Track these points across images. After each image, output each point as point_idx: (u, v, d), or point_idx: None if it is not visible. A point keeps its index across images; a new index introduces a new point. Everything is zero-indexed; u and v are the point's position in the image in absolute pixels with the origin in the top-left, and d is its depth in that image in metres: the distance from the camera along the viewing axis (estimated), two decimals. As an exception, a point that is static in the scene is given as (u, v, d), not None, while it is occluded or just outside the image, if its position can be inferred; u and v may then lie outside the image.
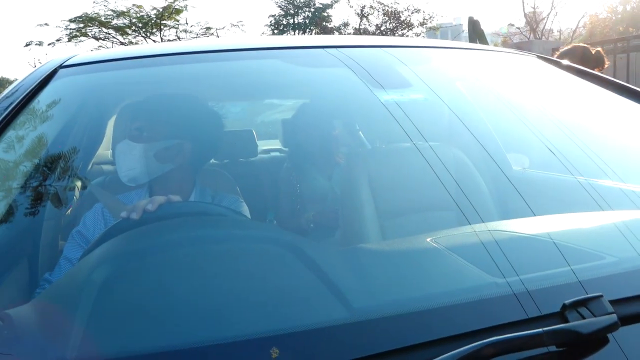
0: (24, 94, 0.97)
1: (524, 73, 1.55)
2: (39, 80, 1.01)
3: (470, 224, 0.96)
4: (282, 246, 0.74)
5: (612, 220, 0.96)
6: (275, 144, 2.83)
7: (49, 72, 1.05)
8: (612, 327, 0.59)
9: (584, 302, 0.60)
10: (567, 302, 0.60)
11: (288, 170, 2.20)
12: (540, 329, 0.54)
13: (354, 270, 0.71)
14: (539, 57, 1.60)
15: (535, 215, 0.94)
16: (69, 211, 1.52)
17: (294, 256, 0.71)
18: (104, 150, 2.45)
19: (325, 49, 1.47)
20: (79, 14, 18.42)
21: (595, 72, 1.50)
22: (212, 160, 2.26)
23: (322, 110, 2.13)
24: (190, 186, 1.39)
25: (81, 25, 18.62)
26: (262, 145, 2.76)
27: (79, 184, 1.38)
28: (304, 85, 2.06)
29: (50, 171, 1.07)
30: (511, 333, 0.53)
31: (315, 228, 1.94)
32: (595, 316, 0.59)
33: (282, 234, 1.11)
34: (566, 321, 0.59)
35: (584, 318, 0.59)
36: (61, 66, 1.09)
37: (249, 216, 1.34)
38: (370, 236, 1.38)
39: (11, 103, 0.96)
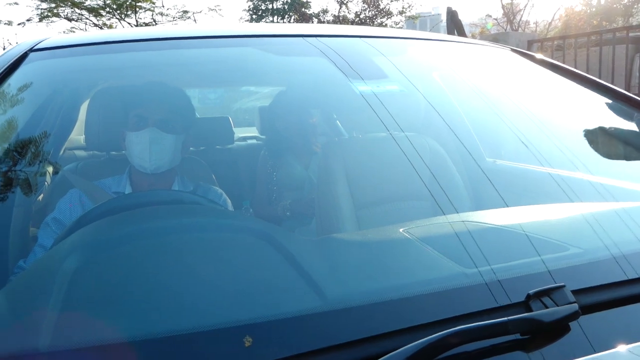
0: (-7, 77, 0.95)
1: (499, 66, 1.58)
2: (8, 64, 0.98)
3: (444, 214, 0.98)
4: (256, 235, 0.75)
5: (580, 211, 0.99)
6: (252, 132, 2.82)
7: (19, 55, 1.02)
8: (573, 316, 0.61)
9: (547, 292, 0.63)
10: (531, 291, 0.63)
11: (265, 158, 2.20)
12: (505, 318, 0.56)
13: (328, 260, 0.72)
14: (512, 50, 1.63)
15: (507, 205, 0.96)
16: (40, 197, 1.49)
17: (269, 245, 0.72)
18: (76, 135, 2.41)
19: (304, 37, 1.47)
20: (50, -7, 17.84)
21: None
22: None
23: (300, 98, 2.12)
24: (172, 175, 1.39)
25: (53, 5, 18.06)
26: (239, 132, 2.75)
27: (50, 169, 1.35)
28: (281, 73, 2.05)
29: (21, 156, 1.05)
30: (478, 322, 0.55)
31: (292, 216, 1.95)
32: (557, 305, 0.61)
33: (257, 223, 1.12)
34: (530, 310, 0.61)
35: (546, 307, 0.61)
36: (32, 49, 1.06)
37: (229, 208, 1.35)
38: (345, 226, 1.39)
39: (-21, 86, 0.93)
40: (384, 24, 20.32)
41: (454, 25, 6.52)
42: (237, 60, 1.57)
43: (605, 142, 1.42)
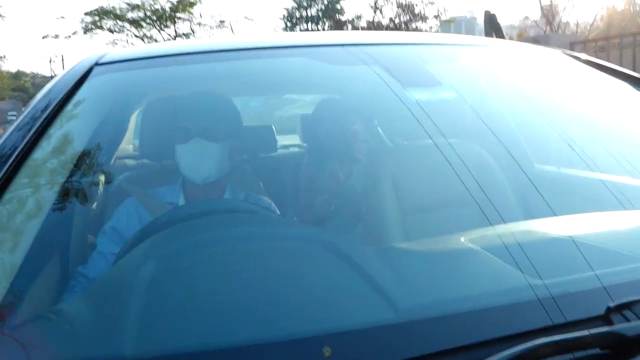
0: (63, 91, 1.00)
1: (548, 68, 1.55)
2: (77, 79, 1.04)
3: (494, 222, 0.96)
4: (321, 244, 0.76)
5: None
6: (294, 140, 2.85)
7: (85, 70, 1.08)
8: None
9: (629, 305, 0.61)
10: (611, 304, 0.60)
11: (307, 166, 2.21)
12: (586, 331, 0.54)
13: (394, 270, 0.71)
14: (563, 52, 1.60)
15: (557, 214, 0.94)
16: (94, 205, 1.55)
17: (333, 255, 0.72)
18: (126, 144, 2.49)
19: (344, 47, 1.49)
20: (94, 8, 18.56)
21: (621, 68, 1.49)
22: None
23: (342, 105, 2.14)
24: (224, 183, 1.41)
25: (96, 18, 18.76)
26: (281, 140, 2.78)
27: (103, 178, 1.41)
28: (324, 80, 2.07)
29: (81, 167, 1.10)
30: (557, 335, 0.54)
31: (335, 222, 1.95)
32: None
33: (320, 232, 1.12)
34: (611, 324, 0.59)
35: (628, 321, 0.59)
36: (97, 64, 1.12)
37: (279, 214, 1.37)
38: (393, 232, 1.39)
39: (50, 101, 0.98)
40: (418, 28, 20.18)
41: (492, 28, 6.42)
42: (280, 71, 1.60)
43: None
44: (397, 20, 20.24)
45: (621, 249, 0.78)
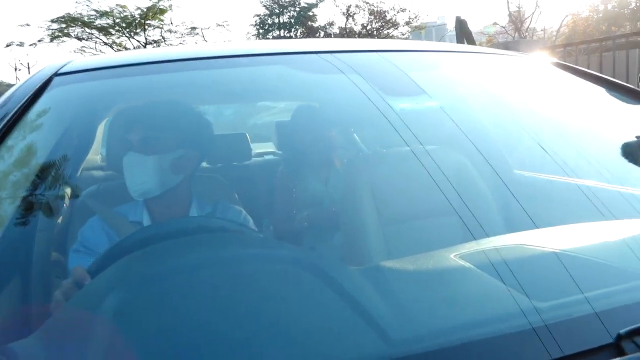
0: (20, 103, 0.93)
1: (524, 74, 1.55)
2: (34, 90, 0.97)
3: (477, 232, 0.92)
4: (299, 265, 0.70)
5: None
6: (269, 147, 2.80)
7: (43, 80, 1.01)
8: None
9: None
10: (622, 331, 0.55)
11: (282, 174, 2.17)
12: None
13: (382, 294, 0.66)
14: (534, 58, 1.59)
15: (538, 223, 0.91)
16: (59, 220, 1.47)
17: (313, 277, 0.67)
18: (93, 155, 2.40)
19: (319, 54, 1.45)
20: (61, 14, 18.15)
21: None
22: (205, 165, 2.23)
23: (318, 113, 2.10)
24: (188, 196, 1.35)
25: (63, 25, 18.35)
26: (256, 148, 2.73)
27: (68, 191, 1.34)
28: (298, 88, 2.04)
29: (43, 180, 1.03)
30: None
31: (312, 231, 1.91)
32: None
33: (296, 251, 1.07)
34: (623, 354, 0.54)
35: (642, 350, 0.53)
36: (56, 74, 1.05)
37: (253, 228, 1.31)
38: (372, 242, 1.35)
39: (6, 113, 0.92)
40: (390, 35, 20.40)
41: (464, 34, 6.50)
42: (254, 79, 1.56)
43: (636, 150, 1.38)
44: (369, 27, 20.40)
45: (620, 265, 0.74)
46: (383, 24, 20.40)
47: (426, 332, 0.59)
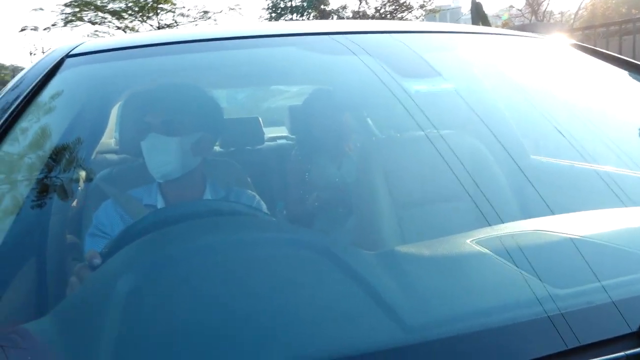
0: (32, 85, 0.93)
1: (542, 57, 1.51)
2: (46, 71, 0.96)
3: (492, 217, 0.90)
4: (314, 250, 0.69)
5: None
6: (282, 132, 2.78)
7: (55, 61, 1.00)
8: None
9: None
10: None
11: (296, 158, 2.16)
12: (622, 353, 0.48)
13: (397, 280, 0.65)
14: (561, 40, 1.55)
15: (555, 210, 0.89)
16: (74, 203, 1.48)
17: (328, 262, 0.66)
18: (107, 138, 2.41)
19: (332, 35, 1.43)
20: (74, -1, 18.17)
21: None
22: (219, 149, 2.23)
23: (331, 97, 2.08)
24: (202, 180, 1.35)
25: (76, 9, 18.38)
26: (268, 132, 2.72)
27: (83, 174, 1.34)
28: (312, 71, 2.01)
29: (57, 163, 1.03)
30: (588, 358, 0.47)
31: (326, 215, 1.91)
32: None
33: (312, 235, 1.05)
34: None
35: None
36: (68, 55, 1.04)
37: (267, 212, 1.30)
38: (386, 226, 1.34)
39: (18, 95, 0.91)
40: (404, 18, 20.14)
41: (479, 17, 6.39)
42: (266, 60, 1.54)
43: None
44: (382, 10, 20.13)
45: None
46: (397, 7, 20.12)
47: (441, 318, 0.58)
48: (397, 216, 1.36)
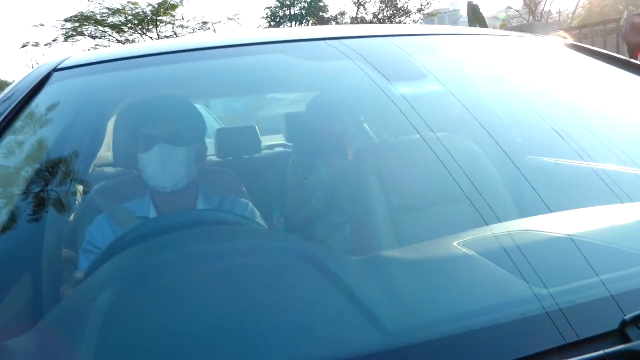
0: (18, 99, 0.92)
1: (536, 56, 1.50)
2: (32, 86, 0.96)
3: (488, 219, 0.89)
4: (296, 256, 0.68)
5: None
6: (279, 139, 2.78)
7: (42, 76, 1.00)
8: None
9: None
10: (627, 317, 0.52)
11: (294, 166, 2.15)
12: (602, 352, 0.47)
13: (380, 284, 0.64)
14: (555, 39, 1.54)
15: (552, 208, 0.88)
16: (71, 217, 1.47)
17: (311, 268, 0.65)
18: (104, 152, 2.40)
19: (326, 40, 1.42)
20: (74, 14, 18.32)
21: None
22: (216, 159, 2.22)
23: (327, 103, 2.07)
24: (195, 190, 1.34)
25: (77, 24, 18.53)
26: (265, 141, 2.71)
27: (80, 188, 1.33)
28: (307, 78, 2.01)
29: (52, 177, 1.02)
30: (567, 358, 0.47)
31: (324, 222, 1.89)
32: None
33: (295, 241, 1.05)
34: (628, 340, 0.51)
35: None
36: (55, 69, 1.04)
37: (261, 221, 1.30)
38: (382, 232, 1.33)
39: (5, 110, 0.91)
40: (402, 22, 20.19)
41: (476, 19, 6.40)
42: (260, 68, 1.53)
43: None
44: (380, 16, 20.21)
45: (629, 249, 0.71)
46: (395, 12, 20.20)
47: (429, 321, 0.58)
48: (393, 221, 1.35)
